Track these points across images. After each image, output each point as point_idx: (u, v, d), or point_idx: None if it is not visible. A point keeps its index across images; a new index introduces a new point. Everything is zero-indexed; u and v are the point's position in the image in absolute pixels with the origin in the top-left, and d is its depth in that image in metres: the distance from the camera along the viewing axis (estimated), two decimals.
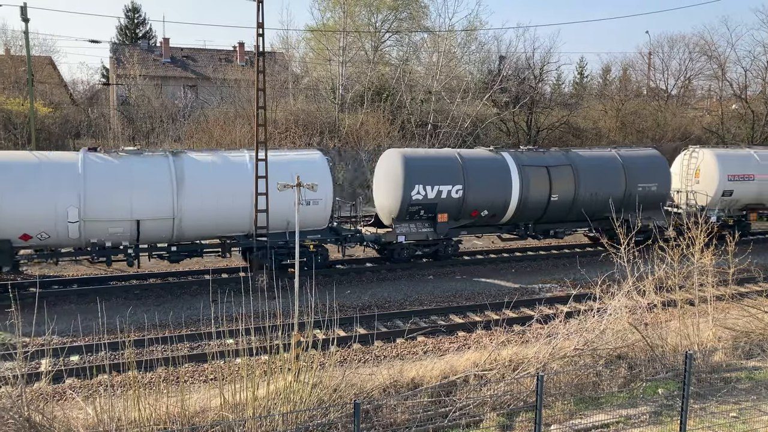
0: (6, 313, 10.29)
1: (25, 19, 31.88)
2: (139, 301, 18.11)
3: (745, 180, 26.98)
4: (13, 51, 46.86)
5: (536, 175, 23.09)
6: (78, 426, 9.47)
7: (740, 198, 27.07)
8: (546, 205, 23.35)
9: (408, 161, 21.56)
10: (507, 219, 23.22)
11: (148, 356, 13.83)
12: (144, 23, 62.29)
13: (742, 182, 26.88)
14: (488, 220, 23.04)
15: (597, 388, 11.90)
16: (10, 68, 42.20)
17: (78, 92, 53.77)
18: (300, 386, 10.33)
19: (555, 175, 23.35)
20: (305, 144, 35.19)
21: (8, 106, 37.05)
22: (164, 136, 37.72)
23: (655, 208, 24.85)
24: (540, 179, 23.12)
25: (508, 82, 44.62)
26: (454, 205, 21.93)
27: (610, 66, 61.67)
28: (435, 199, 21.59)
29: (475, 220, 22.65)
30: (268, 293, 16.56)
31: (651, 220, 22.85)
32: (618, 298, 13.25)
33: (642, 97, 54.06)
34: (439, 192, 21.58)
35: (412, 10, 49.47)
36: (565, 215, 23.98)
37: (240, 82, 41.46)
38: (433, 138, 40.30)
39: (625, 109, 48.55)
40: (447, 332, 16.28)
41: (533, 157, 23.84)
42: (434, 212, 21.75)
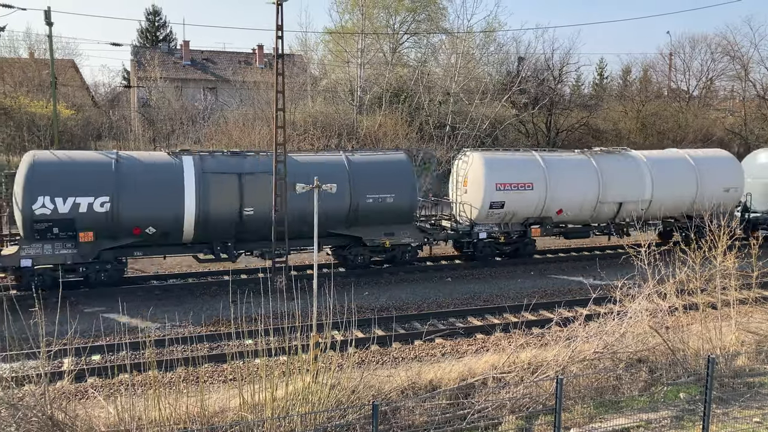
0: (29, 313, 10.43)
1: (49, 23, 32.32)
2: (160, 301, 18.28)
3: (521, 189, 22.56)
4: (36, 54, 47.57)
5: (221, 185, 18.92)
6: (99, 425, 9.58)
7: (516, 211, 22.74)
8: (238, 221, 19.19)
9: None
10: (188, 237, 19.07)
11: (168, 356, 13.95)
12: (164, 26, 62.94)
13: (516, 192, 22.45)
14: (160, 239, 18.83)
15: (617, 391, 11.80)
16: (34, 71, 42.83)
17: (99, 95, 54.43)
18: (318, 387, 10.36)
19: (248, 184, 19.18)
20: (323, 146, 35.29)
21: (32, 108, 37.60)
22: (184, 138, 38.04)
23: (399, 222, 21.21)
24: (227, 189, 18.97)
25: (527, 84, 44.39)
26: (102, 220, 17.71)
27: (630, 67, 61.09)
28: (71, 214, 17.42)
29: (141, 238, 18.53)
30: (286, 294, 16.63)
31: (394, 236, 21.09)
32: (638, 301, 13.13)
33: (663, 98, 53.52)
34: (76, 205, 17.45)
35: (430, 12, 49.38)
36: (268, 233, 19.34)
37: (259, 84, 41.69)
38: (452, 140, 40.21)
39: (645, 111, 48.09)
40: (465, 334, 16.23)
41: (223, 161, 19.52)
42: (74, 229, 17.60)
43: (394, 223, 21.12)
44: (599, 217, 24.28)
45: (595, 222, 24.61)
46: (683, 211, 25.06)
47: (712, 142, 42.14)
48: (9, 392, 9.36)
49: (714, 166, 25.84)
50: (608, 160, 24.41)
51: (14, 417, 9.00)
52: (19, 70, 42.94)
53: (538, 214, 23.21)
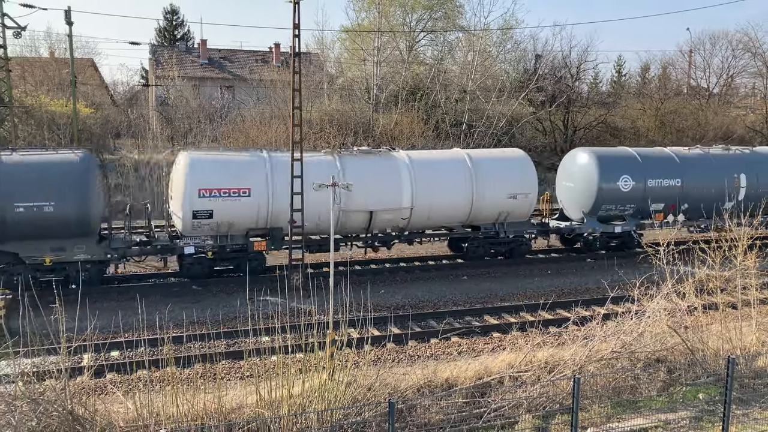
0: (50, 309, 10.57)
1: (69, 23, 32.70)
2: (178, 298, 18.42)
3: (234, 196, 18.91)
4: (57, 54, 48.10)
5: None
6: (118, 420, 9.68)
7: (231, 221, 19.10)
8: None
9: None
10: None
11: (185, 353, 14.06)
12: (182, 25, 63.34)
13: (224, 199, 18.81)
14: None
15: (635, 391, 11.71)
16: (54, 70, 43.30)
17: (118, 93, 54.92)
18: (334, 385, 10.39)
19: None
20: (339, 144, 35.33)
21: (52, 107, 38.04)
22: (202, 136, 38.28)
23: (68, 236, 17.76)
24: None
25: (545, 81, 44.13)
26: None
27: (649, 64, 60.54)
28: None
29: None
30: (303, 292, 16.69)
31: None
32: (657, 300, 13.02)
33: (682, 95, 52.96)
34: None
35: (447, 10, 49.25)
36: None
37: (276, 82, 41.83)
38: (468, 138, 40.09)
39: (664, 108, 47.63)
40: (481, 333, 16.19)
41: None
42: None
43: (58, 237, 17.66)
44: (347, 227, 20.64)
45: (346, 233, 20.94)
46: (461, 221, 22.11)
47: (733, 140, 41.56)
48: (30, 387, 9.49)
49: (497, 169, 22.15)
50: (355, 161, 20.66)
51: (35, 411, 9.13)
52: (40, 69, 43.43)
53: (263, 225, 19.68)
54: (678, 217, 23.96)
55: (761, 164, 25.79)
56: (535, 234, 23.29)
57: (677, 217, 23.93)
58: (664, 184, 24.06)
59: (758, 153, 26.65)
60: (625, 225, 23.89)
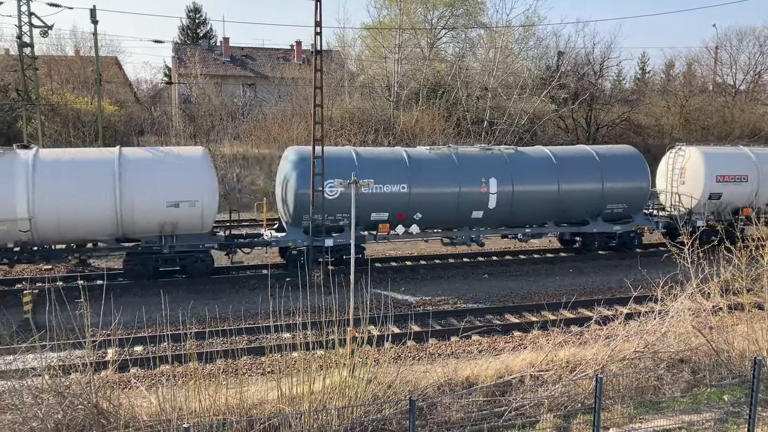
0: (75, 304, 10.73)
1: (95, 21, 33.12)
2: (199, 294, 18.59)
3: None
4: (82, 52, 48.77)
5: None
6: (142, 414, 9.80)
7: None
8: None
9: None
10: None
11: (208, 348, 14.19)
12: (205, 23, 63.86)
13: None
14: None
15: (658, 392, 11.58)
16: (79, 68, 43.93)
17: (142, 91, 55.59)
18: (355, 381, 10.41)
19: None
20: (360, 142, 35.39)
21: (77, 104, 38.60)
22: (224, 133, 38.58)
23: None
24: None
25: (567, 78, 43.76)
26: None
27: (673, 61, 59.70)
28: None
29: None
30: (324, 288, 16.74)
31: None
32: (681, 300, 12.86)
33: (708, 92, 52.20)
34: None
35: (468, 7, 49.02)
36: None
37: (297, 80, 42.01)
38: (489, 135, 39.91)
39: (689, 106, 46.99)
40: (502, 332, 16.12)
41: None
42: None
43: None
44: None
45: None
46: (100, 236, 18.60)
47: (760, 138, 40.91)
48: (56, 380, 9.65)
49: (159, 169, 18.42)
50: None
51: (61, 405, 9.28)
52: (66, 67, 44.11)
53: None
54: (411, 228, 20.71)
55: (521, 166, 21.96)
56: None
57: (410, 228, 20.70)
58: (387, 190, 20.28)
59: (522, 153, 22.87)
60: (339, 238, 20.01)
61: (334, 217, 20.06)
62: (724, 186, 24.20)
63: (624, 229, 23.52)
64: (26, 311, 15.64)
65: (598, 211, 23.11)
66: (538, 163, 22.48)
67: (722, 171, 24.18)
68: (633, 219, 23.68)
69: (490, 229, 22.27)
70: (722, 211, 24.36)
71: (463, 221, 21.58)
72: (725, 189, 24.20)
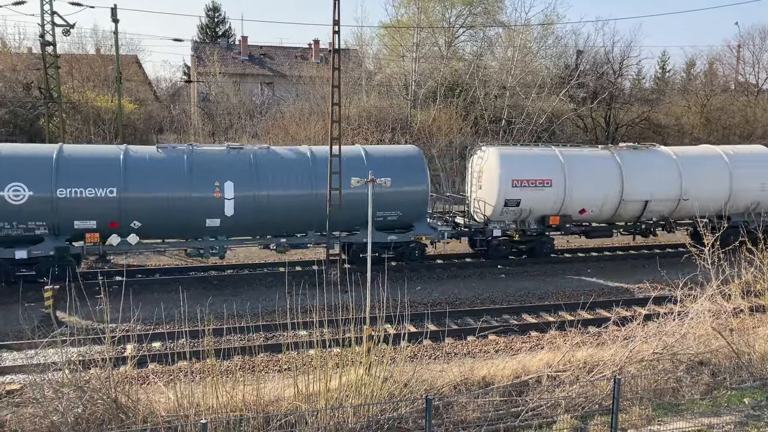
0: (95, 300, 10.84)
1: (115, 20, 33.40)
2: (218, 291, 18.72)
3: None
4: (102, 50, 49.27)
5: None
6: (160, 409, 9.89)
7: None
8: None
9: None
10: None
11: (225, 345, 14.28)
12: (224, 22, 64.24)
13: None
14: None
15: (677, 394, 11.46)
16: (100, 67, 44.37)
17: (161, 89, 56.04)
18: (371, 380, 10.42)
19: None
20: (377, 140, 35.39)
21: (98, 102, 39.00)
22: (242, 132, 38.79)
23: None
24: None
25: (586, 77, 43.42)
26: None
27: (694, 60, 58.99)
28: None
29: None
30: (340, 287, 16.77)
31: None
32: (701, 301, 12.72)
33: (729, 92, 51.50)
34: None
35: (487, 5, 48.81)
36: None
37: (315, 79, 42.10)
38: (507, 134, 39.72)
39: (710, 105, 46.39)
40: (519, 332, 16.05)
41: None
42: None
43: None
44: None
45: None
46: None
47: None
48: (77, 375, 9.76)
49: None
50: None
51: (81, 399, 9.39)
52: (87, 65, 44.56)
53: None
54: (129, 237, 18.37)
55: (269, 167, 19.54)
56: None
57: (127, 238, 18.37)
58: (90, 194, 17.86)
59: (274, 152, 20.24)
60: (35, 249, 17.73)
61: (26, 226, 17.65)
62: (521, 191, 21.53)
63: (401, 239, 20.89)
64: (47, 306, 15.84)
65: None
66: (293, 165, 19.80)
67: (520, 175, 21.48)
68: (413, 228, 21.10)
69: (233, 239, 19.72)
70: (526, 219, 22.18)
71: (197, 230, 19.10)
72: (523, 195, 21.57)
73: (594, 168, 22.58)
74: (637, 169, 22.87)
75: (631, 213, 23.25)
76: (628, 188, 22.60)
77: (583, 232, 23.48)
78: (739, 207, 24.07)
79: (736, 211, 23.96)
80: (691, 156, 24.14)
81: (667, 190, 23.17)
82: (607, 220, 23.41)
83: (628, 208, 22.98)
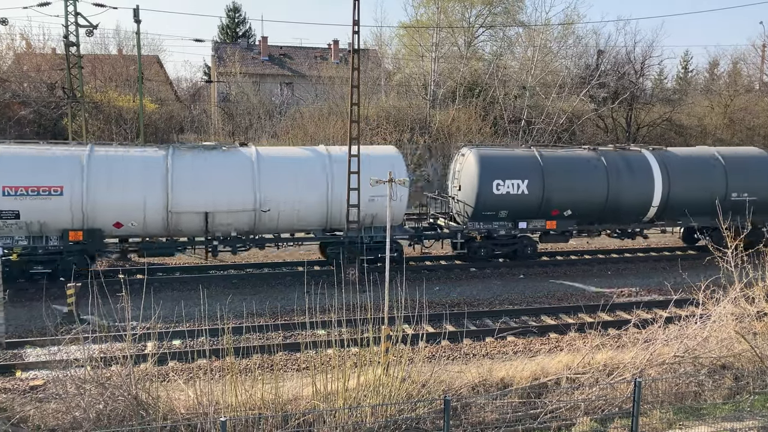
0: (117, 297, 10.97)
1: (138, 21, 33.74)
2: (237, 290, 18.83)
3: None
4: (124, 51, 49.83)
5: None
6: (179, 407, 9.97)
7: None
8: None
9: None
10: None
11: (244, 343, 14.36)
12: (244, 22, 64.59)
13: None
14: None
15: (698, 398, 11.33)
16: (122, 67, 44.87)
17: (182, 89, 56.44)
18: (389, 380, 10.43)
19: None
20: (395, 141, 35.38)
21: (120, 102, 39.44)
22: (262, 131, 38.99)
23: None
24: None
25: (607, 77, 43.04)
26: None
27: (718, 60, 58.13)
28: None
29: None
30: (359, 286, 16.81)
31: None
32: (723, 304, 12.55)
33: (754, 92, 50.69)
34: None
35: (507, 5, 48.62)
36: None
37: (334, 79, 42.20)
38: (527, 135, 39.52)
39: (734, 106, 45.73)
40: (538, 333, 15.96)
41: None
42: None
43: None
44: None
45: None
46: None
47: None
48: (98, 372, 9.88)
49: None
50: None
51: (103, 395, 9.51)
52: (109, 66, 45.07)
53: None
54: None
55: None
56: None
57: None
58: None
59: None
60: None
61: None
62: None
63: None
64: (70, 303, 16.06)
65: None
66: None
67: None
68: None
69: None
70: None
71: None
72: None
73: None
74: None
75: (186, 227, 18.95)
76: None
77: None
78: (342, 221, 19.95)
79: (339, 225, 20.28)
80: (272, 157, 20.00)
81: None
82: None
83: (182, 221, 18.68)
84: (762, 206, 22.97)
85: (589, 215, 22.30)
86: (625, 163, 22.53)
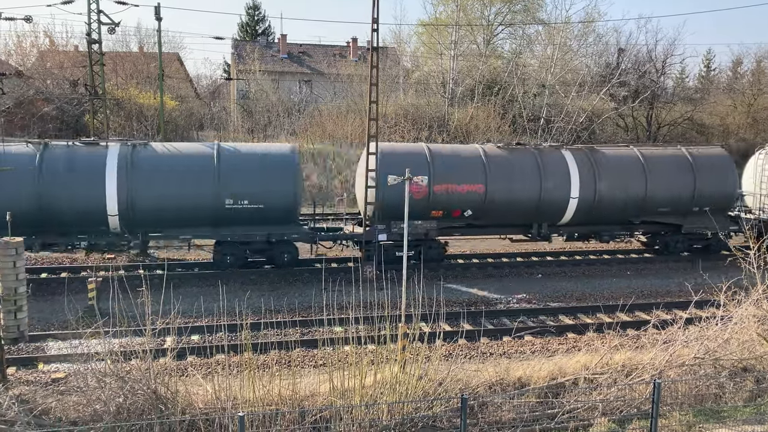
0: (137, 292, 11.09)
1: (159, 18, 34.06)
2: (255, 286, 18.94)
3: None
4: (145, 48, 50.26)
5: None
6: (198, 401, 10.07)
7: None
8: None
9: None
10: None
11: (262, 339, 14.43)
12: (263, 20, 64.90)
13: None
14: None
15: (719, 400, 11.21)
16: (143, 64, 45.28)
17: (201, 87, 56.85)
18: (406, 377, 10.43)
19: None
20: (413, 138, 35.34)
21: (140, 99, 39.82)
22: (280, 129, 39.16)
23: None
24: None
25: (628, 76, 42.65)
26: None
27: (741, 58, 57.31)
28: None
29: None
30: (376, 284, 16.83)
31: None
32: (745, 306, 12.40)
33: None
34: None
35: (526, 2, 48.38)
36: None
37: (352, 77, 42.26)
38: (546, 133, 39.29)
39: (757, 105, 45.12)
40: (556, 333, 15.87)
41: None
42: None
43: None
44: None
45: None
46: None
47: None
48: (118, 366, 10.00)
49: None
50: None
51: (122, 389, 9.62)
52: (130, 63, 45.52)
53: None
54: None
55: None
56: None
57: None
58: None
59: None
60: None
61: None
62: None
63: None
64: (91, 298, 16.26)
65: None
66: None
67: None
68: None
69: None
70: None
71: None
72: None
73: None
74: None
75: None
76: None
77: None
78: None
79: None
80: None
81: None
82: None
83: None
84: None
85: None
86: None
